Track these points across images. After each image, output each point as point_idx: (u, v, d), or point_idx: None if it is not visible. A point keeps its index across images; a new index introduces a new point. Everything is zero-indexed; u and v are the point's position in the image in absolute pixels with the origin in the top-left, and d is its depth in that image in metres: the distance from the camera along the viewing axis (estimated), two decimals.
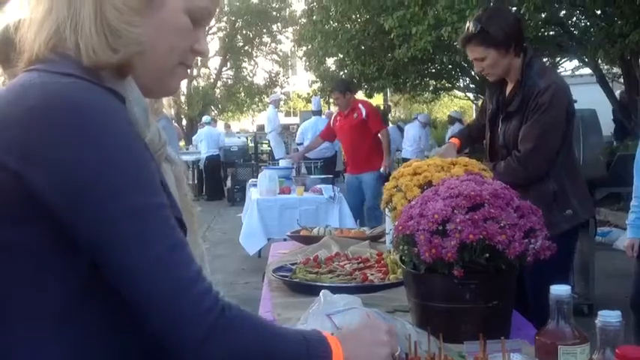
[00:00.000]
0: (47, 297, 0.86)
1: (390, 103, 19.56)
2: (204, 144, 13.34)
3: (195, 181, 13.63)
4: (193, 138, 15.48)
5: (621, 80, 11.89)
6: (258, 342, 0.90)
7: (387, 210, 2.28)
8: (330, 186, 6.49)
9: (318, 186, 6.52)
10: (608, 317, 1.12)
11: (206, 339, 0.85)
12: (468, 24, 2.61)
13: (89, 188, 0.82)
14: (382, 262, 2.49)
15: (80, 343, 0.88)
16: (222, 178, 13.44)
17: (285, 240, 3.58)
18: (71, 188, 0.82)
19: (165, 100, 1.41)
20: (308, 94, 16.47)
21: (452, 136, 3.00)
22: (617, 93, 11.90)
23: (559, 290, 1.35)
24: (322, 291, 1.72)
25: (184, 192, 1.02)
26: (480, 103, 17.42)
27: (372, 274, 2.36)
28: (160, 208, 0.86)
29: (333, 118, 7.36)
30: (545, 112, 2.49)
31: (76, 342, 0.88)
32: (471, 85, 14.99)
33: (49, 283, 0.86)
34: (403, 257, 1.81)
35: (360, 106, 6.96)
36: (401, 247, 1.78)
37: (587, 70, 12.56)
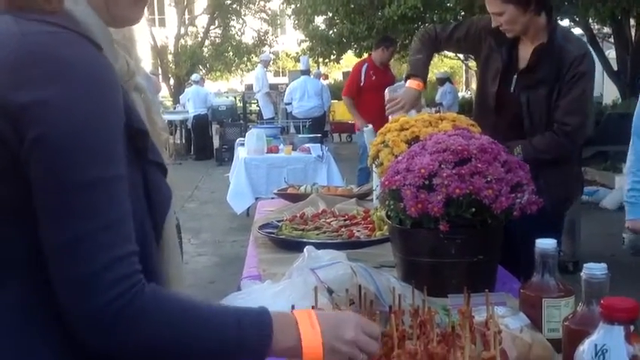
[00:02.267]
0: (15, 252, 0.84)
1: None
2: (191, 103, 13.20)
3: (184, 141, 13.53)
4: (180, 97, 15.31)
5: (611, 40, 11.85)
6: (172, 332, 0.85)
7: (374, 166, 2.25)
8: (319, 145, 6.46)
9: (307, 145, 6.49)
10: (594, 270, 1.12)
11: (111, 329, 0.81)
12: None
13: (55, 154, 0.79)
14: (369, 219, 2.49)
15: (38, 299, 0.85)
16: (210, 138, 13.34)
17: (272, 198, 3.57)
18: (38, 150, 0.79)
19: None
20: (297, 53, 16.29)
21: (409, 75, 2.66)
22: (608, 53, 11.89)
23: (544, 244, 1.35)
24: (307, 247, 1.71)
25: (154, 121, 0.98)
26: (469, 63, 17.30)
27: (358, 231, 2.36)
28: (114, 180, 0.82)
29: (364, 73, 6.88)
30: (586, 81, 2.38)
31: (37, 298, 0.85)
32: None
33: (18, 239, 0.84)
34: (389, 213, 1.79)
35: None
36: (387, 203, 1.77)
37: (577, 31, 12.50)
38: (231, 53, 24.68)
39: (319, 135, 7.59)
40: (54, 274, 0.81)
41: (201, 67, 23.60)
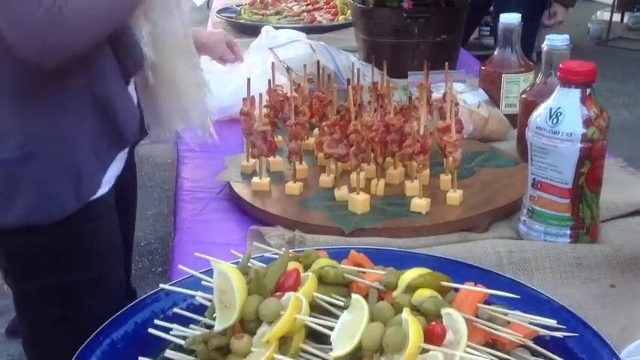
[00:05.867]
0: None
1: None
2: None
3: None
4: None
5: None
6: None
7: None
8: None
9: None
10: (555, 40, 1.09)
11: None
12: None
13: None
14: (331, 3, 2.41)
15: None
16: None
17: None
18: None
19: None
20: None
21: None
22: None
23: (508, 18, 1.31)
24: (264, 27, 1.65)
25: None
26: None
27: (320, 15, 2.29)
28: None
29: None
30: None
31: None
32: None
33: None
34: None
35: None
36: None
37: None
38: None
39: None
40: None
41: None
